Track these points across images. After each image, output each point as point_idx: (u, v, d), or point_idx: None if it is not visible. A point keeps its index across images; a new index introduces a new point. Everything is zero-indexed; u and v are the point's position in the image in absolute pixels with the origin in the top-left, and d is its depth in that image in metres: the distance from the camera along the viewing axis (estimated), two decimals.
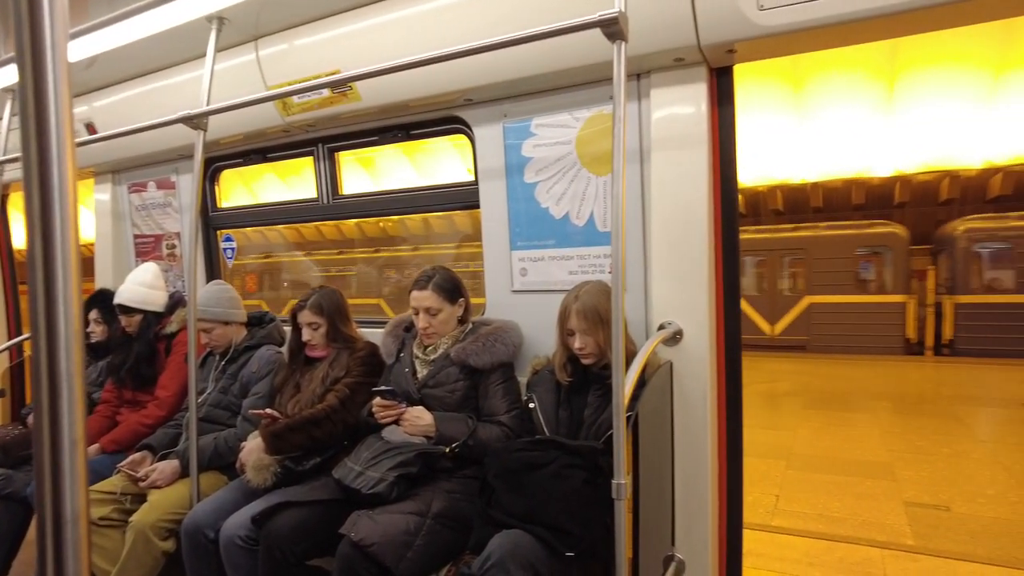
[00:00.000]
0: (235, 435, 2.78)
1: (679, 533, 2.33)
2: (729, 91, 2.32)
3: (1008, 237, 12.02)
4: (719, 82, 2.33)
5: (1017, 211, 12.09)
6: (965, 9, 1.85)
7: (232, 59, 3.02)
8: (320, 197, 3.41)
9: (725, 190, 2.35)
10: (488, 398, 2.43)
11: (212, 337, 2.97)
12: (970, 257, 12.33)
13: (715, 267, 2.36)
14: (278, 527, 2.15)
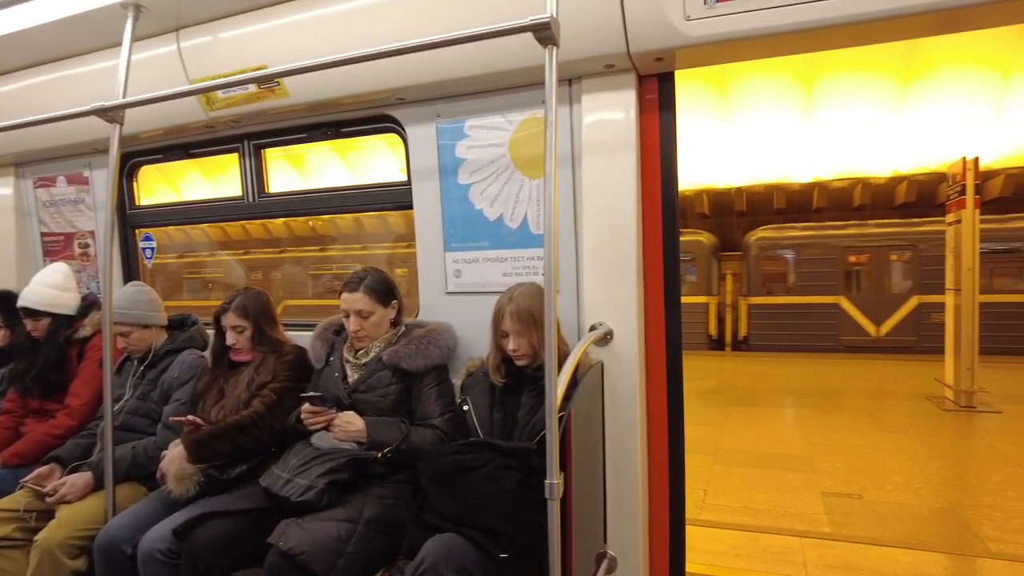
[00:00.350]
0: (155, 444, 2.65)
1: (611, 530, 2.38)
2: (671, 97, 2.39)
3: (789, 246, 13.59)
4: (661, 88, 2.38)
5: (920, 217, 12.94)
6: (877, 28, 1.97)
7: (151, 49, 2.88)
8: (245, 195, 3.30)
9: (665, 193, 2.42)
10: (421, 401, 2.41)
11: (130, 341, 2.82)
12: (759, 263, 13.79)
13: (656, 269, 2.43)
14: (202, 539, 2.07)
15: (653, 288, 2.43)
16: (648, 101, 2.40)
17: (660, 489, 2.48)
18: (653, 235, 2.42)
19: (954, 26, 2.02)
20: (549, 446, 1.69)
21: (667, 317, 2.44)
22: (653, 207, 2.42)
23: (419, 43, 1.92)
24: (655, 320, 2.44)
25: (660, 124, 2.39)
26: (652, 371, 2.44)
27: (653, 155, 2.40)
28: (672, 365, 2.44)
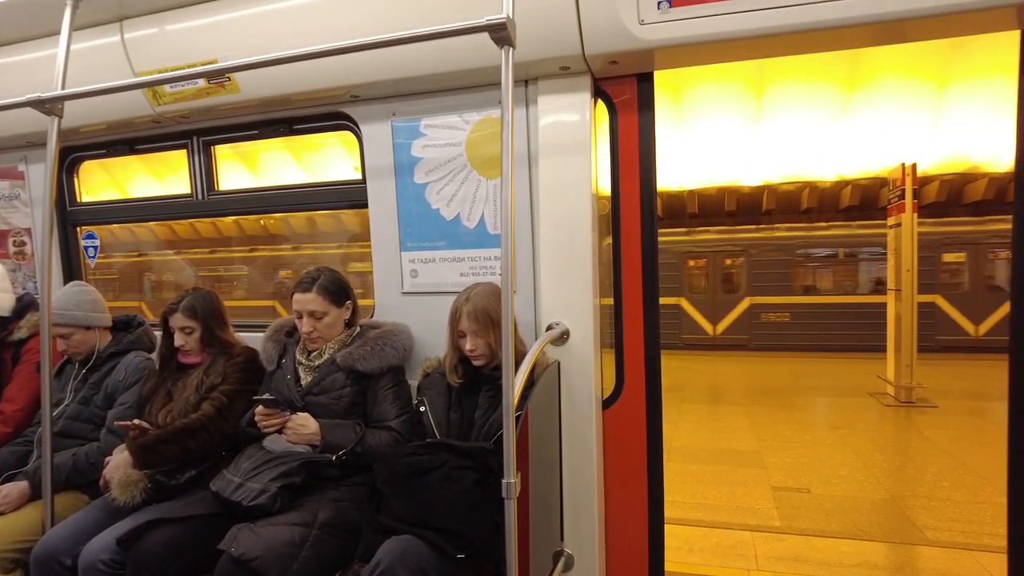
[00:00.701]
0: (98, 450, 2.55)
1: (567, 528, 2.40)
2: (650, 98, 2.41)
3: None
4: (640, 89, 2.41)
5: (861, 220, 13.50)
6: (823, 37, 2.05)
7: (92, 39, 2.77)
8: (194, 193, 3.20)
9: (643, 193, 2.45)
10: (377, 403, 2.38)
11: (71, 343, 2.71)
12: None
13: (635, 269, 2.46)
14: (148, 547, 2.00)
15: (631, 287, 2.46)
16: (625, 102, 2.42)
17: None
18: (631, 234, 2.45)
19: (892, 38, 2.11)
20: (506, 445, 1.69)
21: (645, 316, 2.46)
22: (630, 206, 2.45)
23: (375, 40, 1.89)
24: (633, 319, 2.46)
25: (639, 124, 2.41)
26: (629, 370, 2.47)
27: (631, 156, 2.43)
28: (650, 363, 2.46)
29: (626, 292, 2.47)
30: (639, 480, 2.48)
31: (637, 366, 2.47)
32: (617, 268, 2.47)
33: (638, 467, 2.48)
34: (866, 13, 1.91)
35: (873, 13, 1.91)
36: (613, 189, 2.45)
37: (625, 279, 2.46)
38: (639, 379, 2.47)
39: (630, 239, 2.45)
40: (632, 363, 2.47)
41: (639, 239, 2.44)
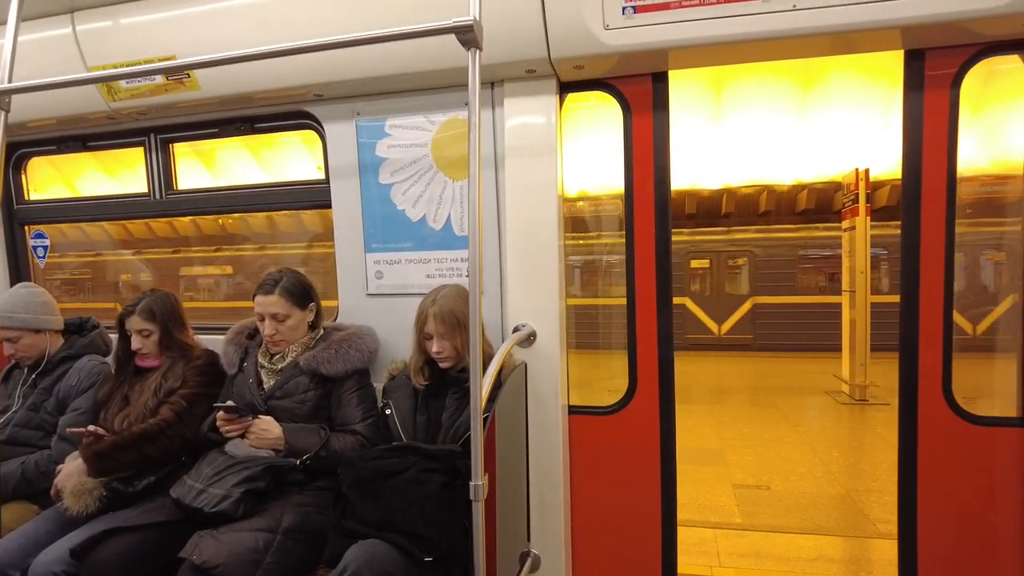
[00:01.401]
0: (49, 457, 2.46)
1: (534, 529, 2.41)
2: (664, 98, 2.40)
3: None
4: (655, 89, 2.40)
5: (819, 223, 13.87)
6: (780, 46, 2.12)
7: (41, 31, 2.68)
8: (151, 192, 3.12)
9: (658, 194, 2.44)
10: (342, 407, 2.35)
11: (18, 347, 2.61)
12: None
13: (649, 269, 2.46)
14: (104, 558, 1.93)
15: (644, 288, 2.44)
16: (639, 101, 2.41)
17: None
18: (644, 235, 2.43)
19: (845, 48, 2.19)
20: (474, 448, 1.69)
21: (659, 317, 2.44)
22: (644, 206, 2.44)
23: (339, 40, 1.87)
24: (647, 320, 2.45)
25: (654, 124, 2.41)
26: (643, 372, 2.45)
27: (644, 156, 2.42)
28: (664, 365, 2.45)
29: (639, 293, 2.45)
30: (652, 484, 2.46)
31: (650, 368, 2.45)
32: (630, 269, 2.45)
33: (651, 471, 2.46)
34: (818, 25, 1.99)
35: (824, 25, 2.00)
36: (626, 189, 2.44)
37: (638, 280, 2.45)
38: (652, 381, 2.45)
39: (643, 239, 2.43)
40: (646, 365, 2.46)
41: (652, 239, 2.43)
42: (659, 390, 2.46)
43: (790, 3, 1.99)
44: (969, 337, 2.47)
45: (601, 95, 2.48)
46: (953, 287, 2.22)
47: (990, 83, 2.24)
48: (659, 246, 2.43)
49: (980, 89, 2.22)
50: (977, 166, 2.32)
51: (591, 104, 2.55)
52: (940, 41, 2.15)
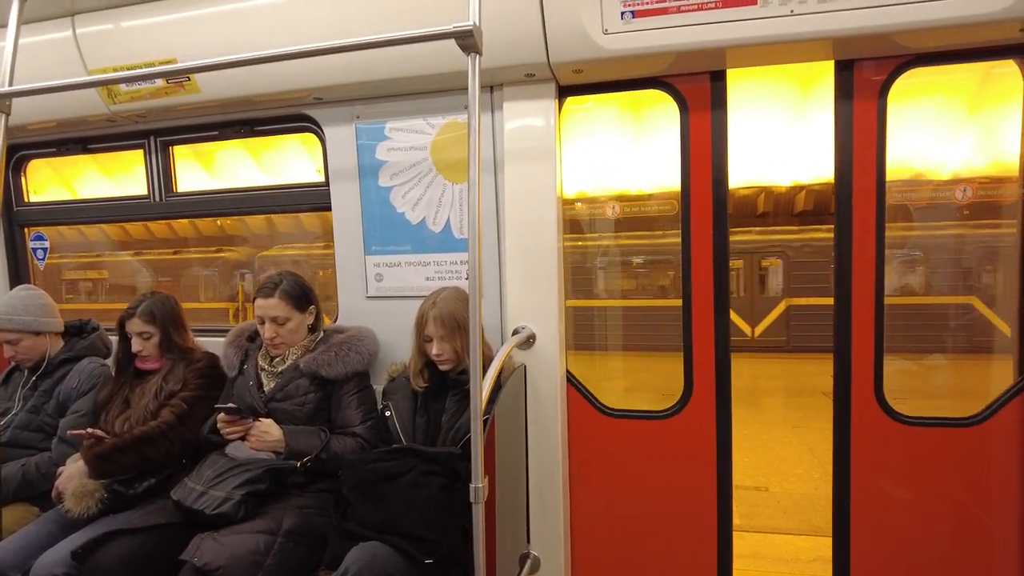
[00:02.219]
0: (49, 460, 2.47)
1: (534, 530, 2.42)
2: (722, 98, 2.37)
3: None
4: (713, 88, 2.37)
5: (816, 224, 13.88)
6: (776, 51, 2.14)
7: (42, 34, 2.68)
8: (151, 194, 3.12)
9: (716, 193, 2.42)
10: (342, 409, 2.36)
11: (19, 350, 2.61)
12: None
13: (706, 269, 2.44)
14: (106, 560, 1.94)
15: (701, 288, 2.41)
16: (697, 100, 2.38)
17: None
18: (702, 234, 2.40)
19: (842, 53, 2.20)
20: (474, 450, 1.70)
21: (716, 318, 2.41)
22: (701, 205, 2.41)
23: (340, 44, 1.88)
24: (703, 322, 2.41)
25: (712, 123, 2.38)
26: (699, 376, 2.42)
27: (702, 155, 2.39)
28: (721, 368, 2.42)
29: (696, 293, 2.42)
30: (708, 493, 2.43)
31: (707, 372, 2.42)
32: (687, 269, 2.42)
33: (707, 479, 2.43)
34: (817, 29, 2.01)
35: (823, 30, 2.02)
36: (683, 188, 2.41)
37: (695, 280, 2.42)
38: (709, 385, 2.42)
39: (700, 239, 2.40)
40: (702, 368, 2.42)
41: (710, 239, 2.39)
42: (716, 394, 2.42)
43: (787, 8, 2.01)
44: (748, 339, 2.51)
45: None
46: (884, 290, 2.26)
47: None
48: (716, 246, 2.39)
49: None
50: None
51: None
52: (868, 52, 2.20)
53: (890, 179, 2.25)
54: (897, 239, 2.44)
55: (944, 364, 3.31)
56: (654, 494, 2.48)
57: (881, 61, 2.22)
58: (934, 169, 2.80)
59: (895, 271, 2.91)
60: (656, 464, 2.47)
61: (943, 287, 4.04)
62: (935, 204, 2.73)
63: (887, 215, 2.24)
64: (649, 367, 3.45)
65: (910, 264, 4.86)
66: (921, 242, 3.26)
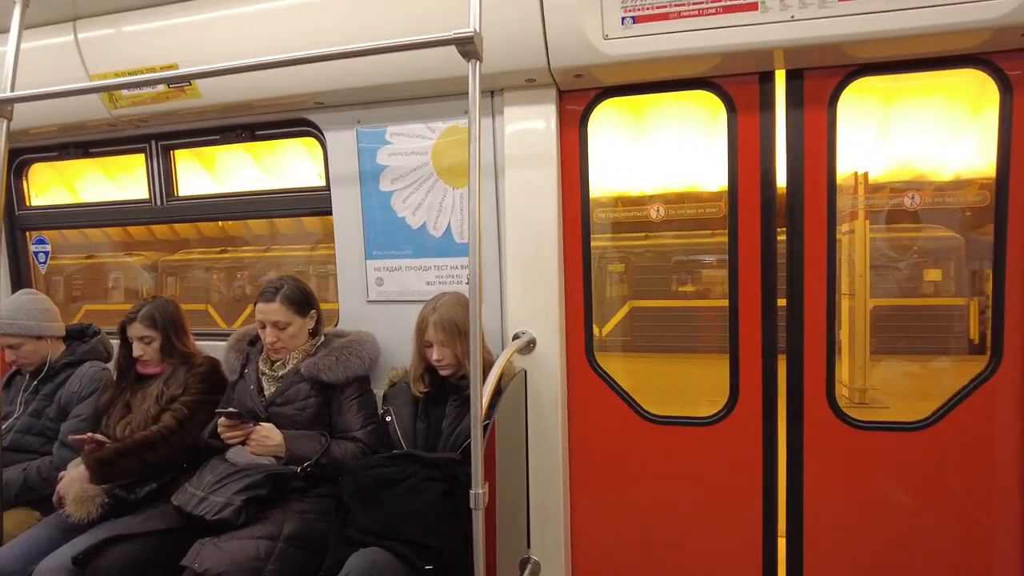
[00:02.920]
0: (50, 464, 2.47)
1: (534, 535, 2.42)
2: (770, 99, 2.34)
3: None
4: (761, 89, 2.35)
5: None
6: (779, 55, 2.14)
7: (44, 39, 2.69)
8: (152, 198, 3.13)
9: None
10: (342, 414, 2.36)
11: (20, 354, 2.62)
12: None
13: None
14: (107, 565, 1.95)
15: (748, 291, 2.38)
16: (745, 101, 2.35)
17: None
18: (749, 236, 2.37)
19: (836, 59, 2.20)
20: (475, 456, 1.70)
21: (764, 322, 2.37)
22: (749, 206, 2.37)
23: (341, 50, 1.88)
24: (751, 325, 2.38)
25: (760, 124, 2.35)
26: (746, 381, 2.39)
27: (751, 156, 2.35)
28: (768, 374, 2.38)
29: (743, 296, 2.38)
30: (752, 502, 2.39)
31: (754, 377, 2.38)
32: (733, 271, 2.38)
33: (752, 487, 2.39)
34: (823, 34, 2.01)
35: (829, 34, 2.00)
36: (730, 189, 2.38)
37: (742, 282, 2.38)
38: (755, 391, 2.38)
39: (748, 241, 2.36)
40: (749, 374, 2.39)
41: (758, 240, 2.36)
42: (763, 401, 2.38)
43: (788, 14, 2.00)
44: (598, 338, 2.54)
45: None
46: (836, 294, 2.27)
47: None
48: (764, 248, 2.35)
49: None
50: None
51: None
52: (817, 62, 2.21)
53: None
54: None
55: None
56: (691, 503, 2.46)
57: (829, 70, 2.24)
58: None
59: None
60: (698, 472, 2.44)
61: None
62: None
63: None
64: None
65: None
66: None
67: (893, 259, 4.16)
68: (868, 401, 8.14)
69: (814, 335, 2.30)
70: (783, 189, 2.34)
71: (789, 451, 2.35)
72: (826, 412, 2.31)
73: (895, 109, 2.76)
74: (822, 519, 2.34)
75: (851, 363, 8.14)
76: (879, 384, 7.87)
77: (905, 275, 4.27)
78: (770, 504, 2.39)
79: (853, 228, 7.60)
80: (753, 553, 2.41)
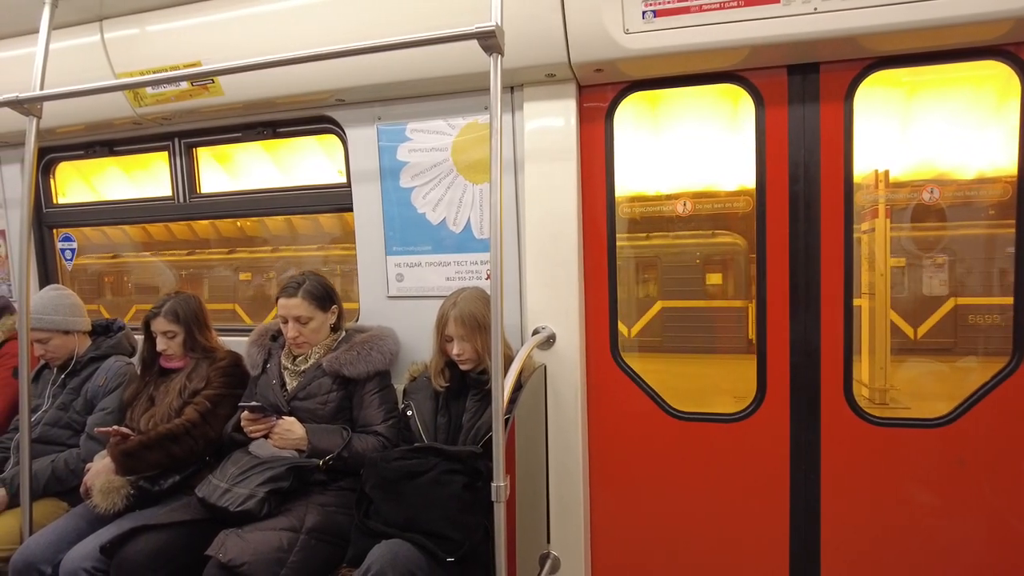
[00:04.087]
0: (77, 456, 2.51)
1: (554, 530, 2.42)
2: (799, 94, 2.32)
3: None
4: (790, 82, 2.32)
5: None
6: (798, 48, 2.12)
7: (72, 39, 2.74)
8: (175, 196, 3.17)
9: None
10: (364, 408, 2.37)
11: (48, 348, 2.66)
12: None
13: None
14: (133, 554, 1.98)
15: (776, 288, 2.36)
16: (773, 95, 2.32)
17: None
18: (778, 233, 2.35)
19: (857, 52, 2.18)
20: (496, 449, 1.71)
21: (792, 319, 2.35)
22: (777, 203, 2.35)
23: (362, 46, 1.90)
24: (778, 323, 2.36)
25: (788, 119, 2.32)
26: (773, 378, 2.37)
27: (779, 151, 2.33)
28: (797, 371, 2.36)
29: (771, 293, 2.37)
30: (779, 500, 2.38)
31: (781, 374, 2.37)
32: (761, 268, 2.37)
33: (778, 485, 2.38)
34: (846, 27, 1.98)
35: (852, 27, 1.98)
36: (758, 185, 2.36)
37: (770, 279, 2.37)
38: (783, 388, 2.37)
39: (776, 238, 2.35)
40: (776, 371, 2.37)
41: (786, 238, 2.34)
42: (790, 398, 2.36)
43: (811, 6, 1.99)
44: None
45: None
46: (852, 292, 2.25)
47: None
48: (794, 245, 2.33)
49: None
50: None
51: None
52: (837, 55, 2.19)
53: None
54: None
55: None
56: (717, 500, 2.44)
57: (845, 64, 2.22)
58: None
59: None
60: (724, 469, 2.43)
61: None
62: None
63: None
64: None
65: None
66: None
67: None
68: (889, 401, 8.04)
69: (831, 332, 2.28)
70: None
71: (805, 449, 2.34)
72: (844, 409, 2.30)
73: (913, 102, 2.71)
74: (838, 515, 2.32)
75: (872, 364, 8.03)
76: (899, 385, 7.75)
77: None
78: (797, 500, 2.37)
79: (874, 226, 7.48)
80: (780, 551, 2.39)
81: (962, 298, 4.37)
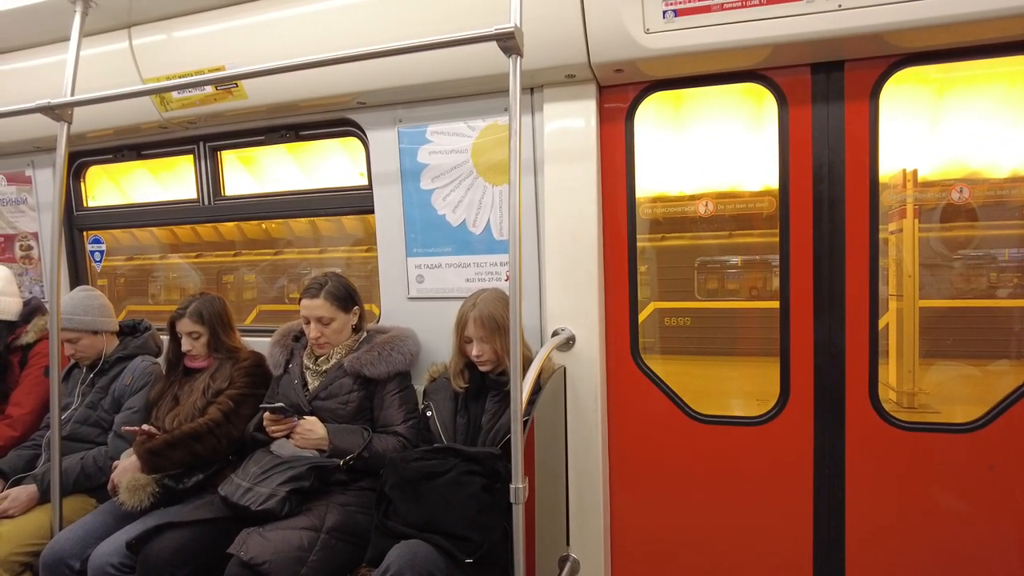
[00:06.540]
0: (105, 454, 2.56)
1: (573, 533, 2.41)
2: (822, 92, 2.29)
3: None
4: (814, 80, 2.29)
5: None
6: (821, 46, 2.09)
7: (101, 46, 2.80)
8: (200, 198, 3.22)
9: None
10: (384, 408, 2.39)
11: (78, 348, 2.72)
12: None
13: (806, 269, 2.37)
14: (158, 551, 2.01)
15: (800, 289, 2.33)
16: (797, 94, 2.29)
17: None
18: (801, 233, 2.32)
19: (882, 49, 2.14)
20: (515, 451, 1.70)
21: (816, 320, 2.31)
22: (801, 203, 2.31)
23: (382, 49, 1.91)
24: (802, 324, 2.33)
25: (812, 117, 2.29)
26: (796, 380, 2.34)
27: (803, 150, 2.30)
28: (821, 373, 2.32)
29: (794, 294, 2.34)
30: (802, 506, 2.34)
31: (805, 376, 2.34)
32: (785, 269, 2.34)
33: (802, 490, 2.34)
34: (868, 24, 1.95)
35: (878, 23, 1.95)
36: (781, 185, 2.34)
37: (794, 281, 2.33)
38: (807, 391, 2.33)
39: (800, 238, 2.31)
40: (800, 373, 2.34)
41: (810, 238, 2.30)
42: (814, 402, 2.33)
43: (835, 3, 1.96)
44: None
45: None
46: (878, 294, 2.20)
47: None
48: (818, 246, 2.30)
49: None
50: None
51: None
52: (858, 53, 2.15)
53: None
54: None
55: None
56: (739, 504, 2.41)
57: (871, 61, 2.18)
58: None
59: None
60: (746, 472, 2.40)
61: None
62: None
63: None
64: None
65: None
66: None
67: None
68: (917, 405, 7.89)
69: (857, 335, 2.24)
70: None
71: (829, 453, 2.30)
72: (869, 413, 2.26)
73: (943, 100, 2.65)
74: (863, 519, 2.29)
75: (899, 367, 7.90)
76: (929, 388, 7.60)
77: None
78: (821, 506, 2.33)
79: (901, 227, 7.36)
80: (804, 558, 2.35)
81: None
